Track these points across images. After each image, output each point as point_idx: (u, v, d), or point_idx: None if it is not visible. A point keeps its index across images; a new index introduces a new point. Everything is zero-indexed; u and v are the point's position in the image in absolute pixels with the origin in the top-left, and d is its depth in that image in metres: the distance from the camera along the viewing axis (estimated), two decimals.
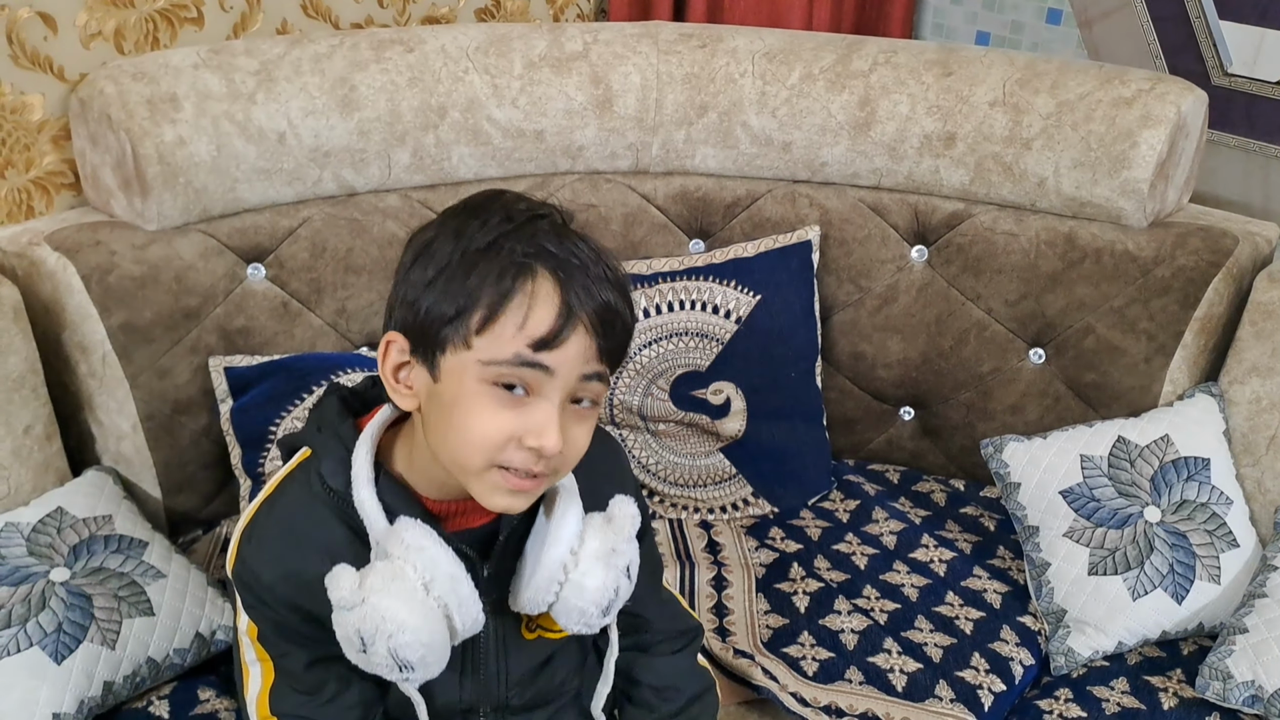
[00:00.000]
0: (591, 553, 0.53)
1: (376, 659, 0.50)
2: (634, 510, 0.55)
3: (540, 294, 0.48)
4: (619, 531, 0.54)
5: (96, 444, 0.88)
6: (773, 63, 0.99)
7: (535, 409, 0.48)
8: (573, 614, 0.54)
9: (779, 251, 0.99)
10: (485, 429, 0.48)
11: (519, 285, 0.48)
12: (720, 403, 0.97)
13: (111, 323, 0.82)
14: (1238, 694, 0.76)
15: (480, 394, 0.48)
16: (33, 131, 0.87)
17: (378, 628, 0.49)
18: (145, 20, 0.90)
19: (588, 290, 0.48)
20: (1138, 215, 0.93)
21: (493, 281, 0.48)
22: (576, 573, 0.53)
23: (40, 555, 0.75)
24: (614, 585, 0.54)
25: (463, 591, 0.51)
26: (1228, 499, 0.86)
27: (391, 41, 0.94)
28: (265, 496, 0.56)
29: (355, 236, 0.93)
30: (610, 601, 0.54)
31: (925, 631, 0.83)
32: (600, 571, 0.53)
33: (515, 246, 0.48)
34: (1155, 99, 0.91)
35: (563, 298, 0.48)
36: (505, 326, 0.47)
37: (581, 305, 0.48)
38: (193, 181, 0.84)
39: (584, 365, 0.49)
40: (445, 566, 0.50)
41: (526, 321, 0.47)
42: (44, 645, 0.71)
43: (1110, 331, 0.94)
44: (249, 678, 0.57)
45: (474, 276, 0.48)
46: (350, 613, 0.49)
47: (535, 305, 0.47)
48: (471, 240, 0.49)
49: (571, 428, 0.50)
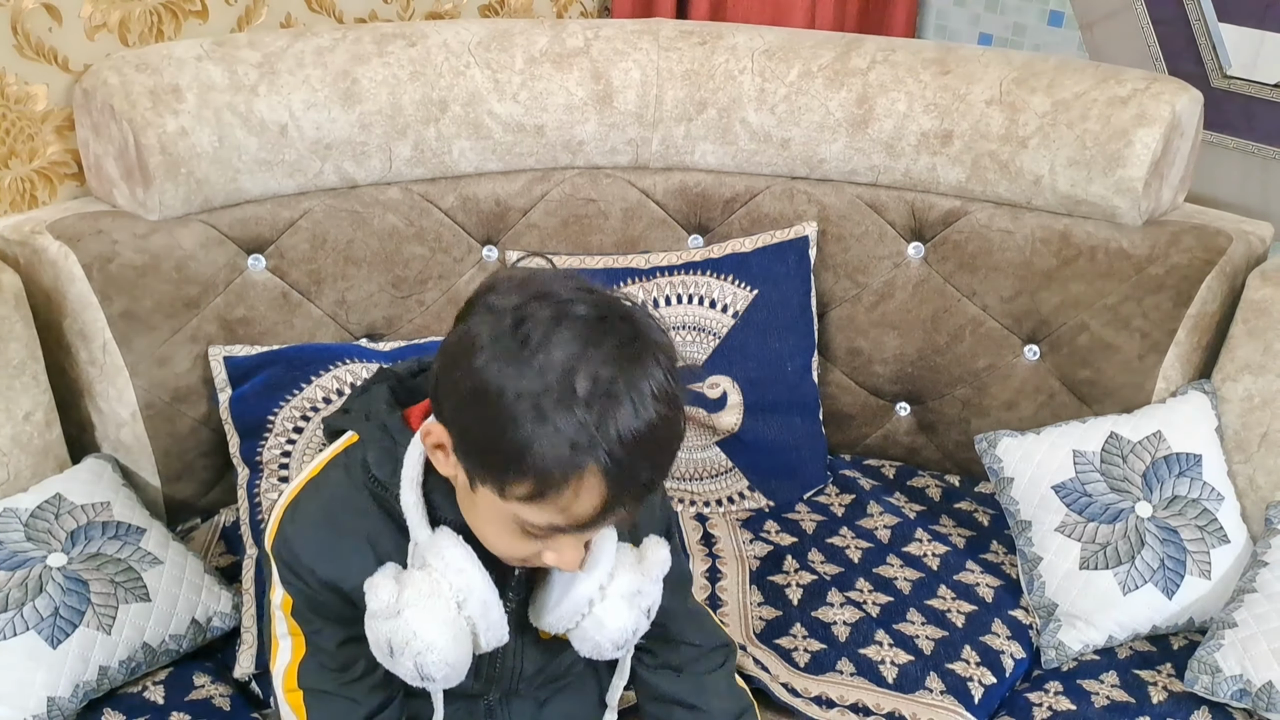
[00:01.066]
0: (619, 590, 0.55)
1: (401, 669, 0.52)
2: (665, 555, 0.56)
3: (587, 488, 0.46)
4: (648, 573, 0.55)
5: (96, 431, 0.88)
6: (772, 60, 1.00)
7: (560, 544, 0.50)
8: (588, 643, 0.56)
9: (776, 247, 1.00)
10: (509, 549, 0.51)
11: (569, 481, 0.46)
12: (717, 396, 0.98)
13: (112, 311, 0.83)
14: (1226, 688, 0.77)
15: (503, 522, 0.50)
16: (37, 122, 0.87)
17: (408, 643, 0.51)
18: (150, 13, 0.91)
19: (638, 478, 0.47)
20: (1132, 213, 0.94)
21: (542, 465, 0.45)
22: (601, 608, 0.55)
23: (38, 540, 0.76)
24: (633, 626, 0.56)
25: (493, 616, 0.53)
26: (1219, 495, 0.86)
27: (394, 35, 0.94)
28: (310, 477, 0.57)
29: (356, 228, 0.94)
30: (626, 640, 0.56)
31: (917, 624, 0.84)
32: (624, 611, 0.55)
33: (571, 424, 0.44)
34: (1150, 98, 0.92)
35: (608, 493, 0.47)
36: (546, 507, 0.47)
37: (627, 494, 0.47)
38: (194, 172, 0.85)
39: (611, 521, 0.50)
40: (479, 591, 0.52)
41: (569, 509, 0.47)
42: (40, 630, 0.71)
43: (1104, 328, 0.95)
44: (278, 650, 0.58)
45: (523, 445, 0.45)
46: (384, 623, 0.51)
47: (581, 496, 0.47)
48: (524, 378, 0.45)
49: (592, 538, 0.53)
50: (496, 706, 0.62)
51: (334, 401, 0.87)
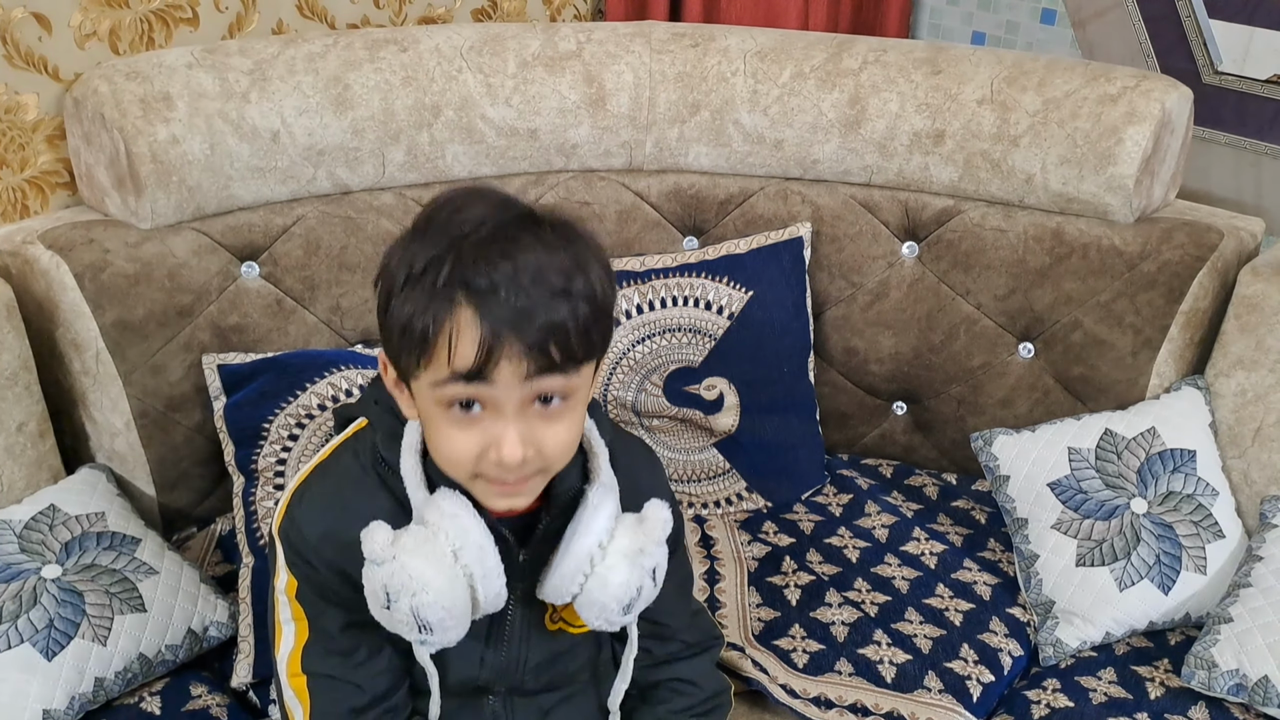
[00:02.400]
0: (619, 549, 0.54)
1: (399, 615, 0.51)
2: (667, 514, 0.55)
3: (461, 325, 0.47)
4: (649, 533, 0.55)
5: (90, 441, 0.88)
6: (764, 61, 1.00)
7: (492, 422, 0.49)
8: (595, 608, 0.54)
9: (771, 248, 1.00)
10: (452, 448, 0.50)
11: (441, 317, 0.47)
12: (713, 398, 0.98)
13: (105, 320, 0.83)
14: (1223, 683, 0.77)
15: (440, 415, 0.50)
16: (27, 131, 0.87)
17: (403, 585, 0.50)
18: (140, 20, 0.91)
19: (511, 309, 0.47)
20: (1124, 211, 0.94)
21: (419, 315, 0.48)
22: (602, 566, 0.53)
23: (32, 552, 0.75)
24: (637, 584, 0.54)
25: (489, 563, 0.52)
26: (1214, 490, 0.86)
27: (385, 41, 0.94)
28: (319, 461, 0.58)
29: (349, 234, 0.93)
30: (632, 600, 0.54)
31: (915, 623, 0.84)
32: (625, 569, 0.53)
33: (439, 273, 0.47)
34: (1140, 96, 0.92)
35: (483, 327, 0.47)
36: (438, 360, 0.48)
37: (505, 330, 0.47)
38: (186, 180, 0.85)
39: (525, 381, 0.48)
40: (475, 536, 0.51)
41: (453, 356, 0.48)
42: (35, 642, 0.71)
43: (1097, 326, 0.95)
44: (281, 637, 0.58)
45: (408, 309, 0.48)
46: (380, 568, 0.51)
47: (459, 338, 0.47)
48: (413, 262, 0.48)
49: (542, 428, 0.50)
50: (500, 710, 0.62)
51: (329, 408, 0.86)
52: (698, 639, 0.66)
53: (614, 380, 0.98)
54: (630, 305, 0.98)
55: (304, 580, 0.56)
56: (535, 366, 0.48)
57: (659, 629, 0.64)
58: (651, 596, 0.56)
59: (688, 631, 0.65)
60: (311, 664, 0.57)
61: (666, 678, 0.65)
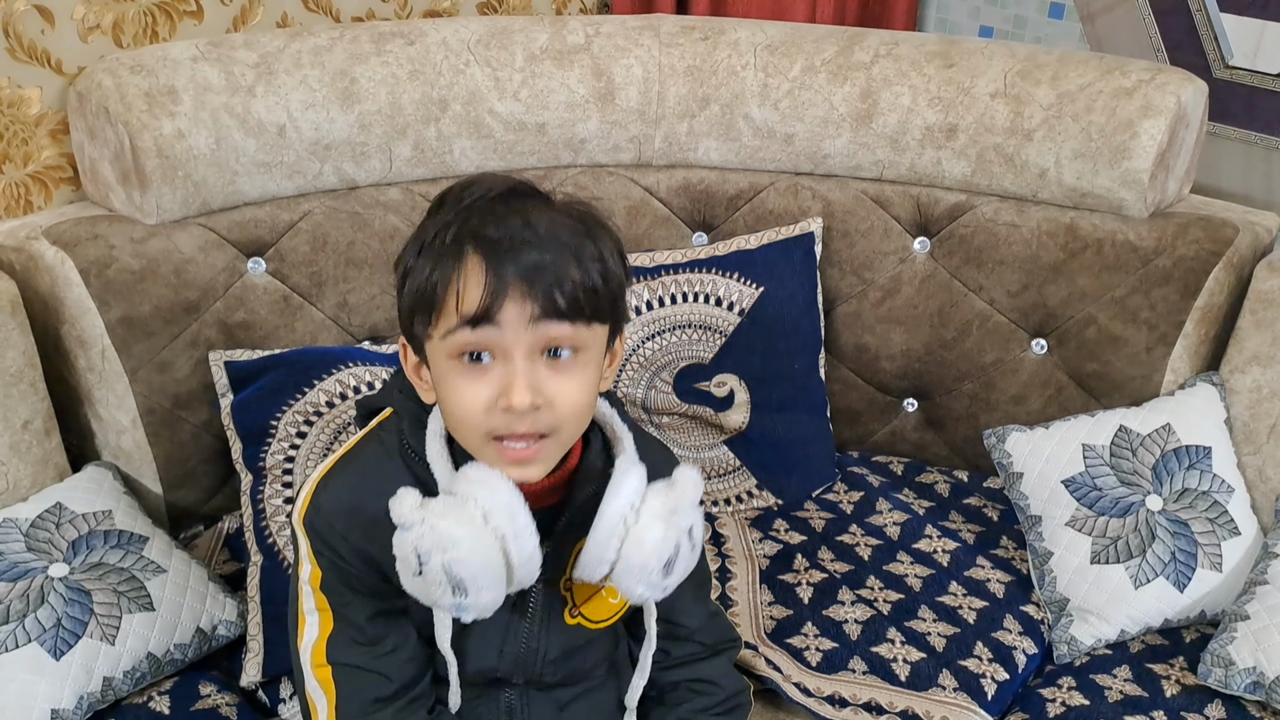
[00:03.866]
0: (652, 510, 0.53)
1: (431, 577, 0.50)
2: (697, 476, 0.54)
3: (468, 273, 0.50)
4: (681, 495, 0.54)
5: (96, 439, 0.87)
6: (774, 55, 0.99)
7: (501, 368, 0.50)
8: (634, 573, 0.52)
9: (782, 244, 0.99)
10: (462, 400, 0.51)
11: (451, 270, 0.50)
12: (724, 395, 0.97)
13: (110, 317, 0.82)
14: (1239, 680, 0.77)
15: (451, 370, 0.51)
16: (30, 125, 0.86)
17: (434, 544, 0.49)
18: (144, 13, 0.90)
19: (520, 259, 0.49)
20: (1138, 205, 0.94)
21: (430, 271, 0.50)
22: (637, 528, 0.52)
23: (39, 551, 0.75)
24: (675, 541, 0.53)
25: (520, 522, 0.50)
26: (1229, 487, 0.86)
27: (392, 34, 0.93)
28: (344, 452, 0.58)
29: (357, 230, 0.93)
30: (671, 558, 0.53)
31: (928, 621, 0.83)
32: (660, 527, 0.52)
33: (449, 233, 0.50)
34: (1155, 89, 0.91)
35: (488, 272, 0.49)
36: (448, 309, 0.50)
37: (509, 275, 0.49)
38: (192, 175, 0.84)
39: (532, 326, 0.50)
40: (504, 497, 0.51)
41: (461, 301, 0.50)
42: (43, 641, 0.70)
43: (1111, 321, 0.94)
44: (304, 627, 0.57)
45: (419, 270, 0.51)
46: (409, 531, 0.50)
47: (466, 285, 0.50)
48: (426, 236, 0.52)
49: (551, 381, 0.51)
50: (517, 703, 0.61)
51: (337, 405, 0.86)
52: (715, 640, 0.65)
53: (624, 377, 0.97)
54: (640, 301, 0.97)
55: (329, 569, 0.55)
56: (540, 309, 0.49)
57: (675, 629, 0.63)
58: (691, 561, 0.54)
59: (705, 633, 0.65)
60: (337, 654, 0.56)
61: (686, 678, 0.64)
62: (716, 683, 0.64)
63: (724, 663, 0.66)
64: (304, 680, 0.57)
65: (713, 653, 0.65)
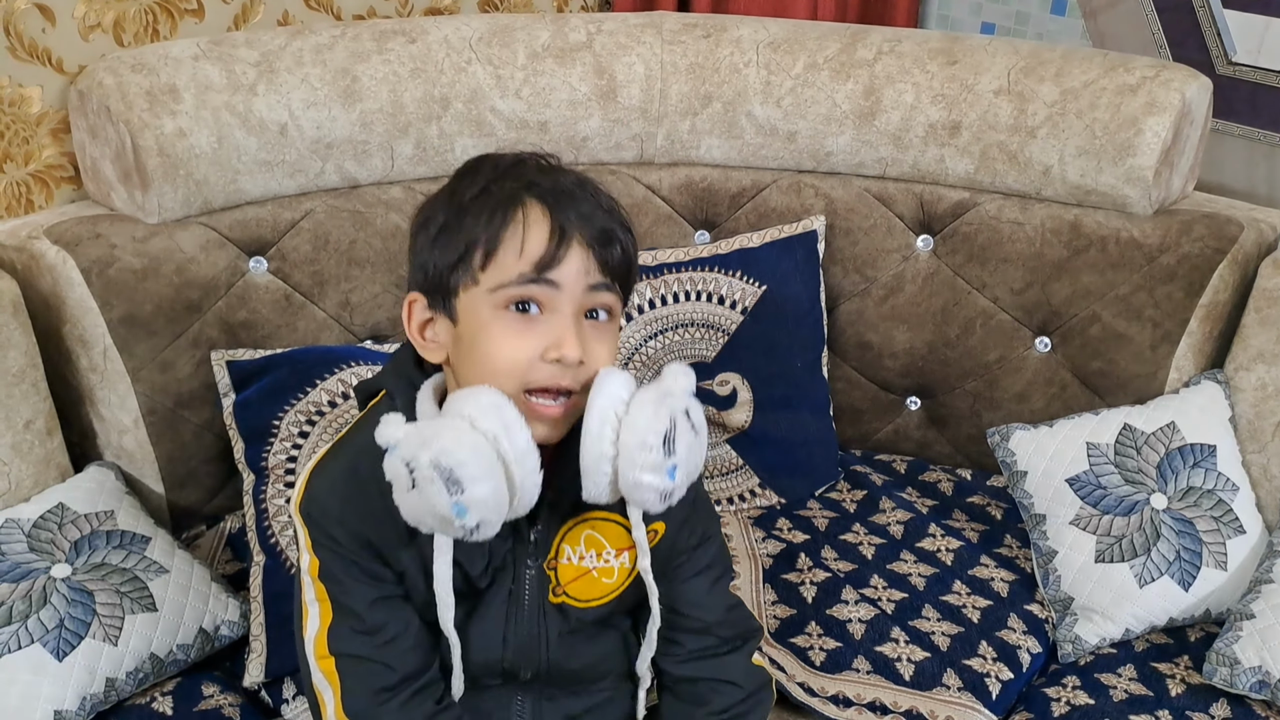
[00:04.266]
0: (642, 399, 0.52)
1: (423, 477, 0.48)
2: (686, 368, 0.53)
3: (532, 220, 0.52)
4: (673, 383, 0.53)
5: (98, 439, 0.87)
6: (777, 52, 0.99)
7: (551, 323, 0.52)
8: (635, 456, 0.50)
9: (784, 242, 0.99)
10: (508, 351, 0.51)
11: (511, 216, 0.52)
12: (727, 394, 0.97)
13: (112, 316, 0.82)
14: (1245, 680, 0.77)
15: (497, 320, 0.52)
16: (31, 124, 0.86)
17: (420, 445, 0.48)
18: (144, 12, 0.89)
19: (577, 210, 0.52)
20: (1143, 203, 0.93)
21: (487, 220, 0.52)
22: (628, 416, 0.51)
23: (41, 551, 0.74)
24: (668, 416, 0.51)
25: (508, 416, 0.50)
26: (1234, 485, 0.86)
27: (393, 32, 0.93)
28: (339, 439, 0.58)
29: (358, 229, 0.92)
30: (669, 433, 0.50)
31: (933, 620, 0.83)
32: (651, 408, 0.51)
33: (503, 185, 0.53)
34: (1159, 86, 0.91)
35: (554, 220, 0.51)
36: (506, 255, 0.51)
37: (572, 223, 0.52)
38: (193, 174, 0.83)
39: (587, 277, 0.52)
40: (488, 397, 0.50)
41: (524, 247, 0.51)
42: (45, 642, 0.70)
43: (1116, 319, 0.94)
44: (308, 618, 0.57)
45: (469, 219, 0.52)
46: (397, 449, 0.49)
47: (530, 231, 0.51)
48: (464, 194, 0.53)
49: (590, 342, 0.52)
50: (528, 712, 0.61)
51: (339, 405, 0.85)
52: (734, 633, 0.64)
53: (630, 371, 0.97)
54: (642, 300, 0.97)
55: (328, 557, 0.55)
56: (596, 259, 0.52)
57: (690, 621, 0.62)
58: (696, 445, 0.52)
59: (723, 626, 0.63)
60: (339, 645, 0.56)
61: (704, 676, 0.63)
62: (738, 683, 0.63)
63: (742, 660, 0.64)
64: (310, 673, 0.57)
65: (731, 648, 0.63)
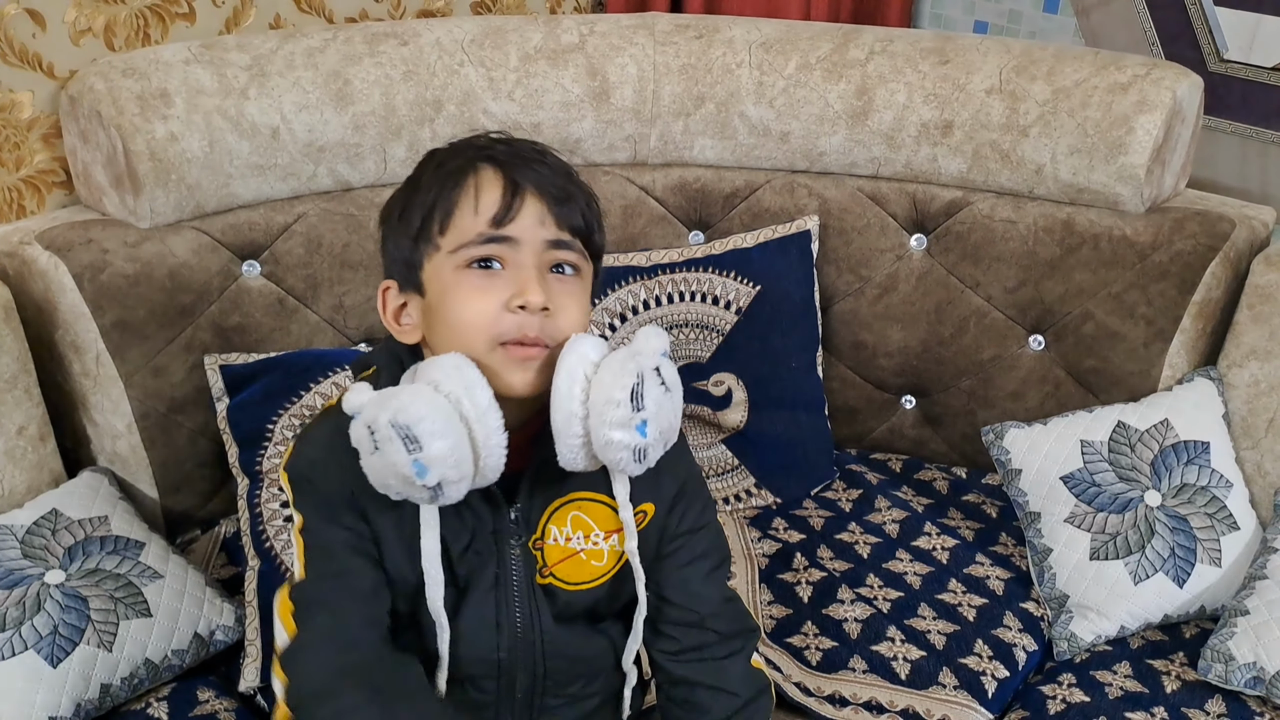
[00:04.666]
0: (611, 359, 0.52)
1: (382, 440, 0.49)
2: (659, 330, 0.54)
3: (485, 181, 0.53)
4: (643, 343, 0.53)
5: (92, 444, 0.87)
6: (769, 53, 0.99)
7: (513, 276, 0.53)
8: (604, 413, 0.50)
9: (778, 242, 0.99)
10: (474, 307, 0.52)
11: (464, 181, 0.53)
12: (721, 394, 0.97)
13: (105, 321, 0.82)
14: (1240, 676, 0.77)
15: (461, 280, 0.53)
16: (22, 130, 0.86)
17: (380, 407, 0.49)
18: (135, 16, 0.89)
19: (529, 167, 0.53)
20: (1135, 201, 0.93)
21: (439, 187, 0.53)
22: (597, 376, 0.51)
23: (35, 557, 0.74)
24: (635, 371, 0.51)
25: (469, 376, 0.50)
26: (1227, 482, 0.86)
27: (385, 35, 0.93)
28: (326, 408, 0.59)
29: (351, 232, 0.92)
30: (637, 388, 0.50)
31: (928, 619, 0.83)
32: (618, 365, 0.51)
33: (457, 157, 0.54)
34: (1151, 84, 0.91)
35: (506, 177, 0.53)
36: (463, 217, 0.53)
37: (527, 179, 0.53)
38: (185, 178, 0.83)
39: (544, 230, 0.53)
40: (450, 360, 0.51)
41: (479, 205, 0.53)
42: (39, 649, 0.70)
43: (1109, 317, 0.94)
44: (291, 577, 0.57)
45: (424, 192, 0.54)
46: (361, 414, 0.50)
47: (483, 191, 0.53)
48: (422, 176, 0.55)
49: (556, 295, 0.53)
50: None
51: None
52: (731, 629, 0.62)
53: None
54: (637, 301, 0.97)
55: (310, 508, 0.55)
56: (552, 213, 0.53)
57: (685, 614, 0.61)
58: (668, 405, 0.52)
59: (719, 620, 0.61)
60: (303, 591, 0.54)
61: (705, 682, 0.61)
62: (733, 690, 0.61)
63: (741, 665, 0.63)
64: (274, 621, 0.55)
65: (732, 650, 0.62)
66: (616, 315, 0.97)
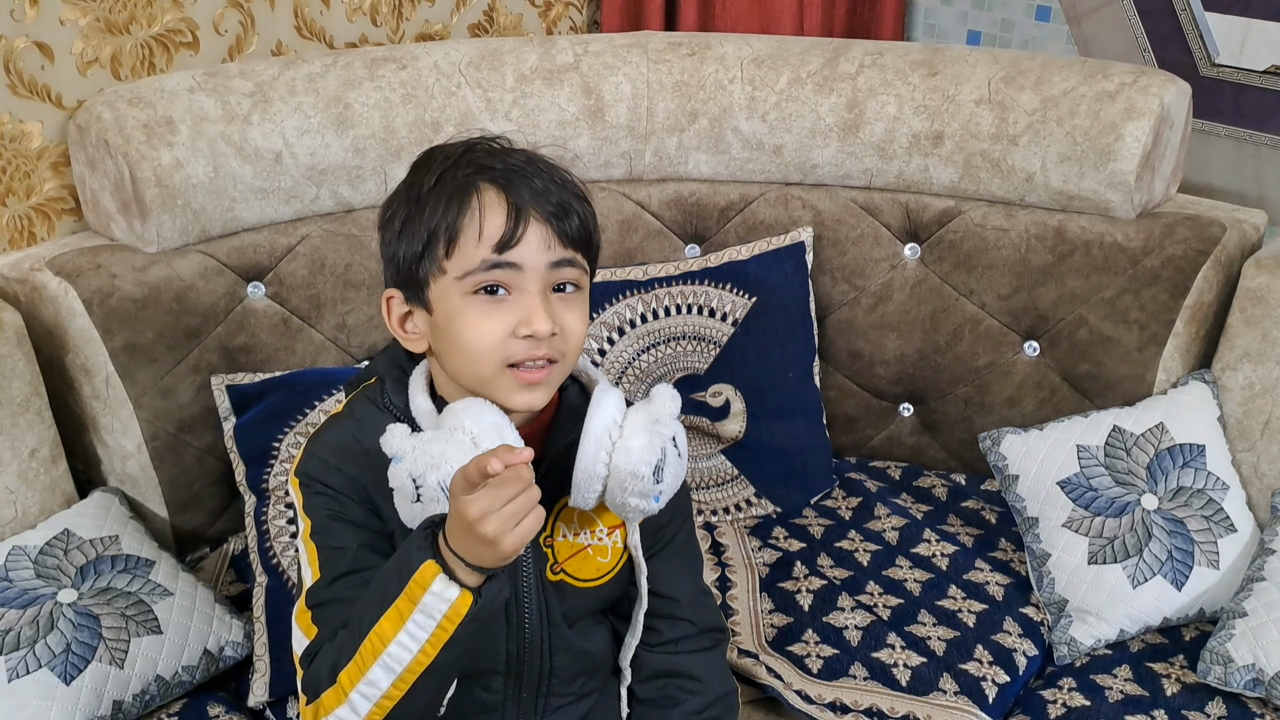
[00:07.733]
0: (634, 423, 0.55)
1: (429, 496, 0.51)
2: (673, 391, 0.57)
3: (487, 204, 0.54)
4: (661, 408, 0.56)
5: (102, 465, 0.88)
6: (761, 68, 1.00)
7: (519, 302, 0.54)
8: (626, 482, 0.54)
9: (773, 254, 1.00)
10: (481, 333, 0.54)
11: (467, 203, 0.54)
12: (720, 405, 0.98)
13: (114, 344, 0.83)
14: (1239, 678, 0.77)
15: (467, 306, 0.54)
16: (32, 159, 0.88)
17: (428, 465, 0.51)
18: (141, 46, 0.91)
19: (530, 187, 0.54)
20: (1125, 207, 0.94)
21: (444, 209, 0.54)
22: (622, 440, 0.54)
23: (48, 577, 0.76)
24: (660, 446, 0.55)
25: (508, 437, 0.53)
26: (1224, 484, 0.86)
27: (384, 59, 0.95)
28: (333, 415, 0.61)
29: (354, 252, 0.94)
30: (659, 463, 0.54)
31: (928, 625, 0.84)
32: (644, 435, 0.54)
33: (456, 174, 0.54)
34: (1138, 92, 0.92)
35: (509, 200, 0.54)
36: (467, 242, 0.54)
37: (527, 201, 0.54)
38: (191, 203, 0.85)
39: (549, 253, 0.54)
40: (490, 417, 0.53)
41: (483, 231, 0.53)
42: (53, 666, 0.71)
43: (1102, 322, 0.95)
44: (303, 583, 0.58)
45: (428, 212, 0.54)
46: (402, 461, 0.52)
47: (486, 215, 0.53)
48: (421, 186, 0.55)
49: (561, 314, 0.55)
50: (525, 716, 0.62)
51: None
52: (705, 623, 0.65)
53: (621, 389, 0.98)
54: (634, 314, 0.98)
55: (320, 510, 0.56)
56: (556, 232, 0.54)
57: (664, 603, 0.63)
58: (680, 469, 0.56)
59: (694, 610, 0.65)
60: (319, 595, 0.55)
61: (677, 671, 0.64)
62: (706, 680, 0.64)
63: (715, 659, 0.66)
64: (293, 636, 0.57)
65: (701, 645, 0.65)
66: (615, 329, 0.98)
